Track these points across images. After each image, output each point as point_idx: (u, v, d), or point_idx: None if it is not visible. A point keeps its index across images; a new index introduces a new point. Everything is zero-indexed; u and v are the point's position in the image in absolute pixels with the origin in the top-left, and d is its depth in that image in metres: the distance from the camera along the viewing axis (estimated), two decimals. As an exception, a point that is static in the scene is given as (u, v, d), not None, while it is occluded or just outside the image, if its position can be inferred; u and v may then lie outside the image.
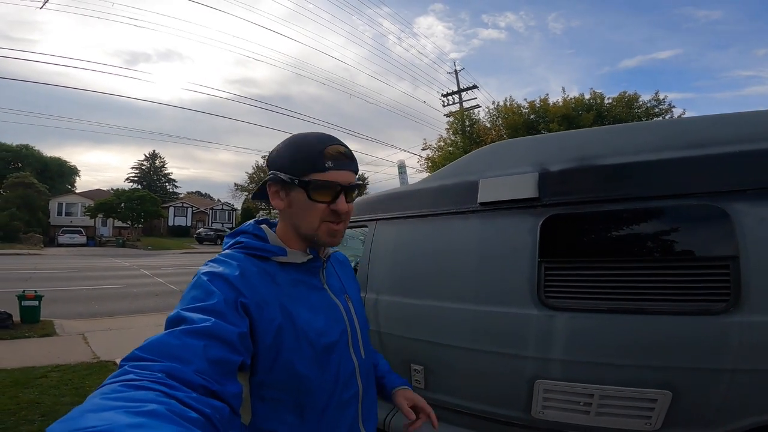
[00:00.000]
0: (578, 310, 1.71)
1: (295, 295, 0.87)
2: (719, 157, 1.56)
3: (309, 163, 0.86)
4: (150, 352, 0.60)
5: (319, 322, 0.88)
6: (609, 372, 1.62)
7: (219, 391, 0.62)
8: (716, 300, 1.49)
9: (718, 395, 1.47)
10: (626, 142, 1.79)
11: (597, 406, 1.64)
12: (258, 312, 0.78)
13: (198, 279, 0.78)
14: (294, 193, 0.88)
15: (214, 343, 0.65)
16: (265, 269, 0.85)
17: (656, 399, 1.54)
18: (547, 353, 1.74)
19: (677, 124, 1.75)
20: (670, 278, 1.57)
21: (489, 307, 1.89)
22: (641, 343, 1.57)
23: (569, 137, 2.08)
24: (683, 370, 1.51)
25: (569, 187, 1.81)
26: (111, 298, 9.82)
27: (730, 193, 1.52)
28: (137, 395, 0.50)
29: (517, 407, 1.82)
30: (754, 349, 1.41)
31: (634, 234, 1.70)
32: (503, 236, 1.93)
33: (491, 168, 2.09)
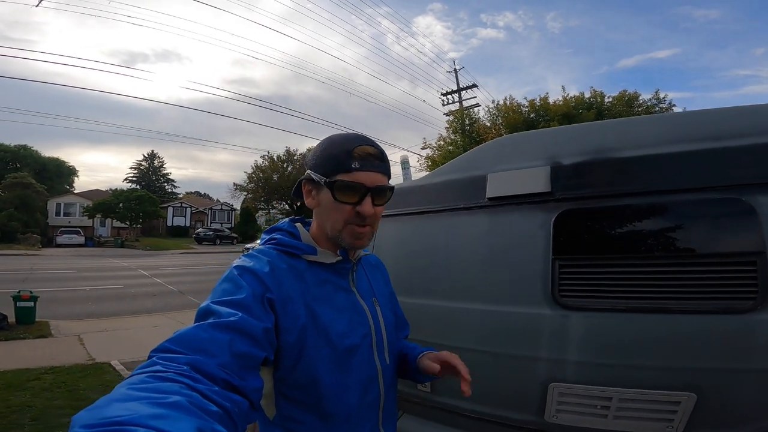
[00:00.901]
0: (594, 310, 1.62)
1: (320, 294, 0.87)
2: (744, 148, 1.48)
3: (336, 163, 0.86)
4: (178, 344, 0.63)
5: (342, 324, 0.88)
6: (628, 374, 1.54)
7: (240, 385, 0.63)
8: (742, 298, 1.41)
9: (745, 396, 1.39)
10: (644, 133, 1.70)
11: (615, 410, 1.56)
12: (282, 308, 0.79)
13: (230, 272, 0.80)
14: (323, 193, 0.89)
15: (239, 338, 0.67)
16: (295, 266, 0.87)
17: (680, 401, 1.45)
18: (562, 355, 1.65)
19: (699, 115, 1.66)
20: (693, 275, 1.49)
21: (499, 307, 1.80)
22: (663, 344, 1.49)
23: (583, 129, 1.99)
24: (708, 371, 1.43)
25: (584, 181, 1.72)
26: (108, 299, 9.73)
27: (756, 186, 1.44)
28: (162, 386, 0.52)
29: (530, 411, 1.73)
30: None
31: (654, 229, 1.61)
32: (514, 233, 1.84)
33: (500, 162, 2.00)
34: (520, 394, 1.77)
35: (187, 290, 10.88)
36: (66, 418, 3.42)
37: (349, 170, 0.85)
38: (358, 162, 0.85)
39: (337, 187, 0.85)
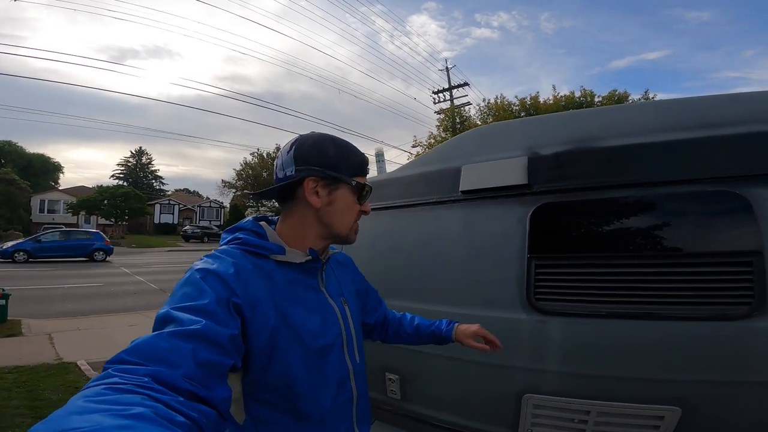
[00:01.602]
0: (573, 315, 1.47)
1: (290, 294, 0.85)
2: (739, 137, 1.34)
3: (360, 167, 0.93)
4: (136, 355, 0.58)
5: (314, 324, 0.87)
6: (608, 386, 1.39)
7: (206, 396, 0.59)
8: (736, 303, 1.26)
9: (736, 412, 1.25)
10: (630, 121, 1.56)
11: (594, 424, 1.41)
12: (251, 312, 0.76)
13: (191, 275, 0.75)
14: (340, 193, 0.90)
15: (203, 346, 0.63)
16: (262, 267, 0.83)
17: (663, 416, 1.31)
18: (537, 364, 1.51)
19: (688, 103, 1.52)
20: (682, 278, 1.34)
21: (472, 311, 1.65)
22: (647, 353, 1.34)
23: (565, 118, 1.85)
24: (696, 384, 1.29)
25: (564, 173, 1.57)
26: (86, 297, 9.46)
27: (752, 178, 1.30)
28: (123, 398, 0.49)
29: (503, 424, 1.59)
30: None
31: (638, 226, 1.46)
32: (488, 229, 1.69)
33: (477, 153, 1.85)
34: (492, 405, 1.62)
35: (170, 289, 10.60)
36: (20, 418, 3.26)
37: (365, 174, 0.96)
38: (367, 167, 0.96)
39: (366, 189, 0.94)
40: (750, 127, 1.33)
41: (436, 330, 1.29)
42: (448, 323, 1.30)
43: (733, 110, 1.41)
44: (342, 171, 0.90)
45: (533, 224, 1.57)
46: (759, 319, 1.22)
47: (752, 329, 1.22)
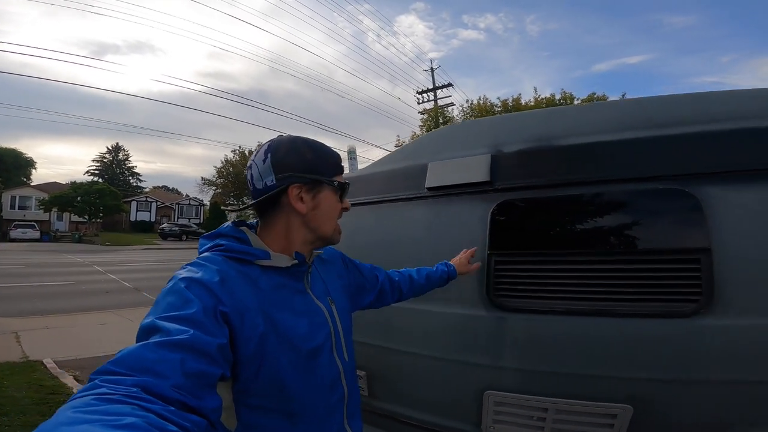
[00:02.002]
0: (531, 312, 1.49)
1: (277, 299, 0.84)
2: (689, 136, 1.37)
3: (337, 165, 0.94)
4: (123, 366, 0.56)
5: (303, 327, 0.86)
6: (564, 383, 1.41)
7: (197, 406, 0.58)
8: (686, 300, 1.29)
9: (686, 411, 1.28)
10: (587, 121, 1.59)
11: (552, 422, 1.43)
12: (239, 320, 0.75)
13: (175, 284, 0.73)
14: (324, 195, 0.91)
15: (191, 356, 0.61)
16: (247, 273, 0.82)
17: (616, 414, 1.34)
18: (497, 361, 1.52)
19: (643, 103, 1.57)
20: (633, 274, 1.37)
21: (436, 307, 1.66)
22: (599, 351, 1.37)
23: (528, 117, 1.89)
24: (647, 382, 1.31)
25: (524, 170, 1.59)
26: (57, 296, 9.16)
27: (699, 176, 1.33)
28: (112, 409, 0.47)
29: (467, 420, 1.60)
30: (731, 357, 1.22)
31: (594, 223, 1.49)
32: (451, 225, 1.70)
33: (444, 150, 1.87)
34: (456, 402, 1.63)
35: (144, 287, 10.37)
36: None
37: (342, 171, 0.96)
38: (342, 164, 0.97)
39: (346, 188, 0.95)
40: (700, 126, 1.37)
41: (443, 274, 1.44)
42: (447, 264, 1.46)
43: (684, 110, 1.45)
44: (322, 173, 0.90)
45: (494, 221, 1.58)
46: (707, 316, 1.25)
47: (700, 327, 1.25)
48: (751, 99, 1.41)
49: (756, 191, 1.27)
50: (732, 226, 1.27)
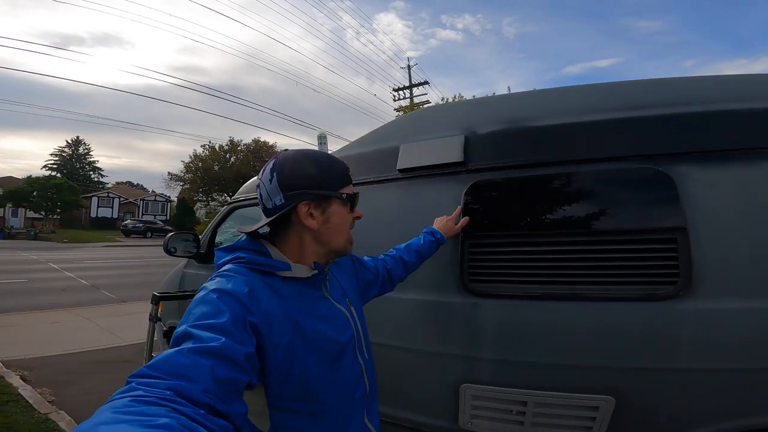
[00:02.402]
0: (507, 297, 1.43)
1: (301, 307, 0.86)
2: (661, 117, 1.36)
3: (344, 178, 0.93)
4: (157, 370, 0.60)
5: (329, 331, 0.89)
6: (544, 374, 1.36)
7: (224, 411, 0.61)
8: (662, 282, 1.25)
9: (668, 401, 1.23)
10: (560, 103, 1.56)
11: (532, 416, 1.37)
12: (267, 329, 0.77)
13: (206, 294, 0.76)
14: (333, 209, 0.90)
15: (222, 363, 0.65)
16: (270, 283, 0.84)
17: (598, 406, 1.28)
18: (473, 351, 1.45)
19: (617, 87, 1.55)
20: (609, 256, 1.33)
21: (409, 295, 1.58)
22: (578, 338, 1.31)
23: (501, 100, 1.86)
24: (627, 371, 1.26)
25: (498, 151, 1.54)
26: (8, 294, 8.58)
27: (673, 156, 1.31)
28: (148, 410, 0.50)
29: (443, 416, 1.52)
30: (711, 342, 1.18)
31: (568, 204, 1.45)
32: (423, 208, 1.63)
33: (416, 133, 1.80)
34: (432, 397, 1.55)
35: (103, 285, 9.86)
36: None
37: (350, 183, 0.96)
38: (349, 173, 0.96)
39: (356, 199, 0.95)
40: (674, 108, 1.36)
41: (431, 244, 1.43)
42: (433, 232, 1.45)
43: (658, 94, 1.43)
44: (329, 187, 0.90)
45: (468, 202, 1.52)
46: (685, 299, 1.21)
47: (678, 311, 1.21)
48: (719, 85, 1.41)
49: (729, 171, 1.26)
50: (707, 204, 1.25)
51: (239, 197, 2.97)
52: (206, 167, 36.66)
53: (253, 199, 2.71)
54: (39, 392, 3.47)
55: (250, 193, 2.84)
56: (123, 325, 5.97)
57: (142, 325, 2.46)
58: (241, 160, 36.66)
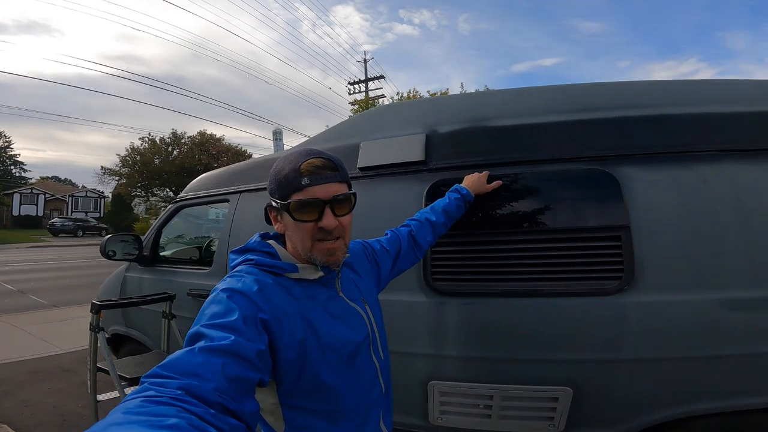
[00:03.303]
0: (469, 295, 1.47)
1: (313, 306, 0.86)
2: (606, 121, 1.44)
3: (289, 184, 0.84)
4: (169, 369, 0.61)
5: (342, 330, 0.88)
6: (507, 369, 1.41)
7: (236, 409, 0.62)
8: (609, 277, 1.34)
9: (619, 390, 1.32)
10: (518, 104, 1.61)
11: (499, 409, 1.42)
12: (278, 326, 0.77)
13: (217, 295, 0.77)
14: (285, 216, 0.87)
15: (233, 361, 0.65)
16: (281, 283, 0.84)
17: (557, 397, 1.35)
18: (439, 349, 1.48)
19: (568, 90, 1.62)
20: (562, 252, 1.40)
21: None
22: (537, 333, 1.38)
23: (461, 99, 1.88)
24: (582, 363, 1.34)
25: (459, 150, 1.57)
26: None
27: (618, 158, 1.40)
28: (158, 410, 0.52)
29: (414, 413, 1.54)
30: (654, 334, 1.28)
31: (522, 203, 1.51)
32: (385, 207, 1.62)
33: (377, 130, 1.78)
34: (401, 395, 1.53)
35: (31, 289, 8.99)
36: None
37: (301, 188, 0.83)
38: (307, 177, 0.83)
39: (292, 207, 0.84)
40: (619, 111, 1.44)
41: (458, 201, 1.40)
42: (458, 188, 1.43)
43: (605, 97, 1.52)
44: (276, 194, 0.87)
45: (429, 201, 1.53)
46: (629, 293, 1.30)
47: (623, 304, 1.30)
48: (660, 90, 1.51)
49: (666, 172, 1.36)
50: (647, 203, 1.34)
51: (186, 195, 2.80)
52: (146, 161, 34.45)
53: (202, 197, 2.57)
54: (-24, 407, 3.12)
55: (199, 191, 2.69)
56: (57, 331, 5.48)
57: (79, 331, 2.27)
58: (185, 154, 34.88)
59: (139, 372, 2.17)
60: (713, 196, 1.32)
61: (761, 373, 1.25)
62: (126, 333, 2.82)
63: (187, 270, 2.51)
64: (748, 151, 1.34)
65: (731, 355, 1.25)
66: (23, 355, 4.58)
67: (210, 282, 2.17)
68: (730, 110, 1.38)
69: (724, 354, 1.25)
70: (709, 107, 1.40)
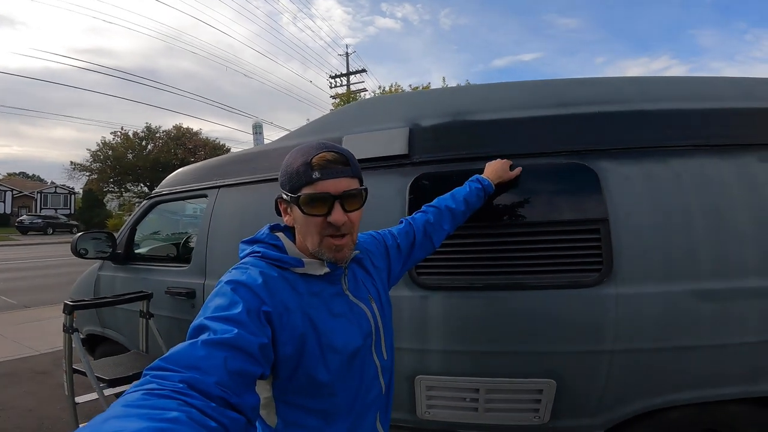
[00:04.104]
0: (453, 289, 1.47)
1: (316, 303, 0.84)
2: (586, 116, 1.47)
3: (299, 177, 0.83)
4: (172, 362, 0.61)
5: (342, 329, 0.86)
6: (492, 362, 1.43)
7: (237, 403, 0.61)
8: (588, 270, 1.36)
9: (599, 381, 1.35)
10: (500, 98, 1.62)
11: (485, 402, 1.44)
12: (279, 320, 0.77)
13: (221, 287, 0.77)
14: (294, 210, 0.86)
15: (235, 354, 0.65)
16: (286, 277, 0.83)
17: (541, 389, 1.38)
18: (424, 343, 1.48)
19: (548, 85, 1.64)
20: (543, 246, 1.42)
21: None
22: (519, 326, 1.40)
23: (444, 93, 1.88)
24: (564, 355, 1.37)
25: (441, 144, 1.57)
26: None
27: (597, 152, 1.43)
28: (159, 403, 0.52)
29: (402, 408, 1.54)
30: (631, 325, 1.31)
31: (504, 196, 1.51)
32: (368, 200, 1.62)
33: (358, 123, 1.77)
34: None
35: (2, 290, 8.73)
36: None
37: (312, 181, 0.82)
38: (318, 171, 0.82)
39: (302, 201, 0.83)
40: (598, 107, 1.47)
41: (478, 191, 1.37)
42: (479, 179, 1.40)
43: (584, 92, 1.54)
44: (287, 187, 0.85)
45: (412, 195, 1.53)
46: (607, 285, 1.33)
47: (601, 296, 1.32)
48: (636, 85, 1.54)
49: (642, 166, 1.39)
50: (624, 196, 1.37)
51: (162, 191, 2.73)
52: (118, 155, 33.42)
53: (178, 192, 2.50)
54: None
55: (175, 186, 2.62)
56: (30, 333, 5.28)
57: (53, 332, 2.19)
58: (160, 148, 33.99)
59: (117, 373, 2.11)
60: (686, 190, 1.36)
61: (733, 363, 1.30)
62: (102, 333, 2.74)
63: (164, 267, 2.45)
64: (719, 147, 1.38)
65: (705, 346, 1.30)
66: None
67: (188, 279, 2.12)
68: (703, 107, 1.42)
69: (698, 345, 1.30)
70: (683, 103, 1.43)
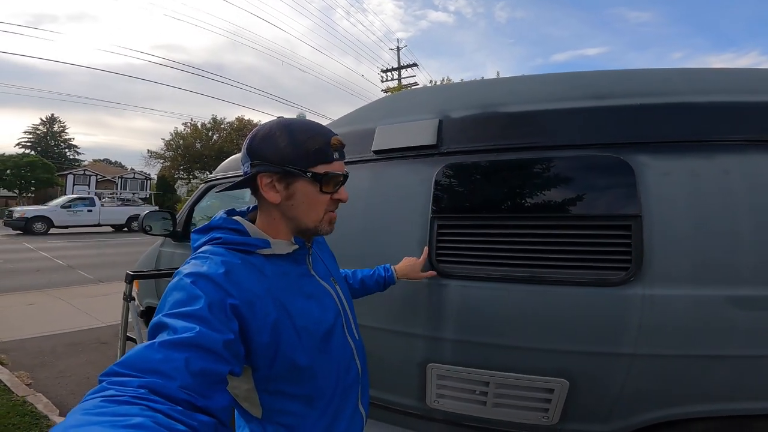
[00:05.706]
0: (471, 278, 1.46)
1: (285, 285, 0.84)
2: (622, 108, 1.39)
3: (319, 155, 0.84)
4: (129, 368, 0.56)
5: (315, 310, 0.87)
6: (504, 356, 1.40)
7: (204, 405, 0.58)
8: (615, 268, 1.29)
9: (615, 385, 1.28)
10: (531, 91, 1.59)
11: (494, 396, 1.42)
12: (249, 310, 0.74)
13: (180, 280, 0.72)
14: (298, 185, 0.85)
15: (197, 354, 0.61)
16: (251, 262, 0.81)
17: (553, 389, 1.34)
18: (439, 331, 1.49)
19: (583, 77, 1.57)
20: (568, 240, 1.37)
21: None
22: (535, 321, 1.36)
23: (475, 85, 1.88)
24: (580, 355, 1.31)
25: (470, 135, 1.57)
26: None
27: (634, 145, 1.35)
28: (121, 410, 0.48)
29: (412, 395, 1.57)
30: (656, 329, 1.23)
31: (531, 189, 1.48)
32: (395, 189, 1.66)
33: (392, 115, 1.81)
34: (401, 376, 1.59)
35: (80, 265, 9.64)
36: None
37: (330, 161, 0.85)
38: (336, 152, 0.86)
39: (325, 179, 0.84)
40: (636, 99, 1.39)
41: (378, 279, 1.38)
42: (386, 269, 1.41)
43: (622, 85, 1.46)
44: (296, 162, 0.83)
45: (438, 184, 1.55)
46: (635, 285, 1.25)
47: (627, 296, 1.25)
48: (679, 77, 1.44)
49: (681, 161, 1.30)
50: (661, 192, 1.29)
51: (216, 176, 2.93)
52: (187, 145, 35.95)
53: (231, 177, 2.68)
54: (16, 375, 3.45)
55: (228, 172, 2.81)
56: (100, 305, 5.88)
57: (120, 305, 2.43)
58: (224, 138, 36.04)
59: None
60: (733, 188, 1.25)
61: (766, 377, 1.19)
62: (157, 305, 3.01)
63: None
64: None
65: (736, 356, 1.19)
66: (67, 327, 4.92)
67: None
68: (758, 99, 1.29)
69: (728, 354, 1.20)
70: (735, 96, 1.32)
